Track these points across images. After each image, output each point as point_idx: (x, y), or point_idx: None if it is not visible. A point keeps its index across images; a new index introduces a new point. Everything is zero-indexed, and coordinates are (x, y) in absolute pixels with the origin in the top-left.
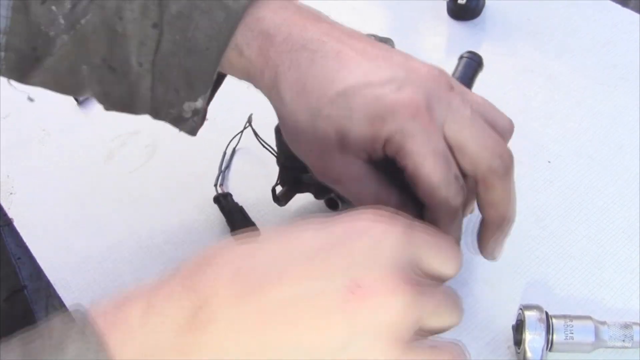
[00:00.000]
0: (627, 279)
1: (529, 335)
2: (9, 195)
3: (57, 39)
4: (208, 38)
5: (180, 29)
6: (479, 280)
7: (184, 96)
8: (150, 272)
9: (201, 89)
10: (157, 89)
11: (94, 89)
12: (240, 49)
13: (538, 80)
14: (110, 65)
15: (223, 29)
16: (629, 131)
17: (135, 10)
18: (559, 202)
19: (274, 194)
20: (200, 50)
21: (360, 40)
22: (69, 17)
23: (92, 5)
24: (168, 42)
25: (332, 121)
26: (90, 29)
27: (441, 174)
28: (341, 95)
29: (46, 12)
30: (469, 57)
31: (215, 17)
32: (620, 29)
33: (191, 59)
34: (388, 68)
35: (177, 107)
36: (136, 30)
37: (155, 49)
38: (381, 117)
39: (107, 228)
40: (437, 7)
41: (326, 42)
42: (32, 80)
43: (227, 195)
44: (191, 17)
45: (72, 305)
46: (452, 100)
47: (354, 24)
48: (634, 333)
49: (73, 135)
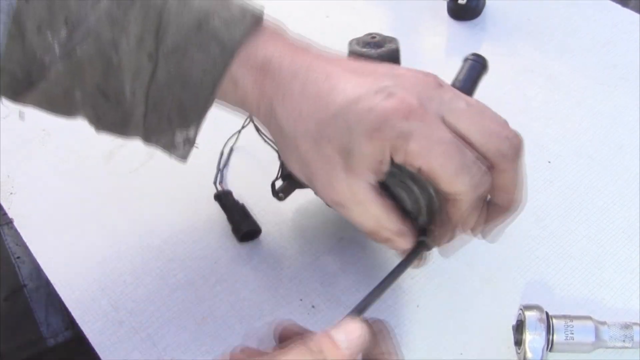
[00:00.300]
0: (627, 279)
1: (529, 335)
2: (9, 195)
3: (52, 66)
4: (203, 72)
5: (175, 61)
6: (479, 280)
7: (177, 126)
8: (150, 272)
9: (194, 119)
10: (150, 117)
11: (87, 113)
12: (235, 81)
13: (538, 80)
14: (104, 93)
15: (218, 62)
16: (629, 131)
17: (131, 41)
18: (559, 202)
19: (274, 189)
20: (195, 83)
21: (346, 61)
22: (65, 46)
23: (88, 35)
24: (163, 74)
25: (334, 143)
26: (86, 58)
27: (456, 161)
28: (336, 116)
29: (41, 40)
30: (473, 59)
31: (210, 51)
32: (620, 29)
33: (185, 91)
34: (375, 80)
35: (168, 135)
36: (131, 62)
37: (149, 80)
38: (377, 128)
39: (107, 228)
40: (437, 7)
41: (315, 68)
42: (25, 100)
43: (227, 193)
44: (186, 51)
45: None
46: (443, 95)
47: (354, 24)
48: (634, 333)
49: (73, 135)
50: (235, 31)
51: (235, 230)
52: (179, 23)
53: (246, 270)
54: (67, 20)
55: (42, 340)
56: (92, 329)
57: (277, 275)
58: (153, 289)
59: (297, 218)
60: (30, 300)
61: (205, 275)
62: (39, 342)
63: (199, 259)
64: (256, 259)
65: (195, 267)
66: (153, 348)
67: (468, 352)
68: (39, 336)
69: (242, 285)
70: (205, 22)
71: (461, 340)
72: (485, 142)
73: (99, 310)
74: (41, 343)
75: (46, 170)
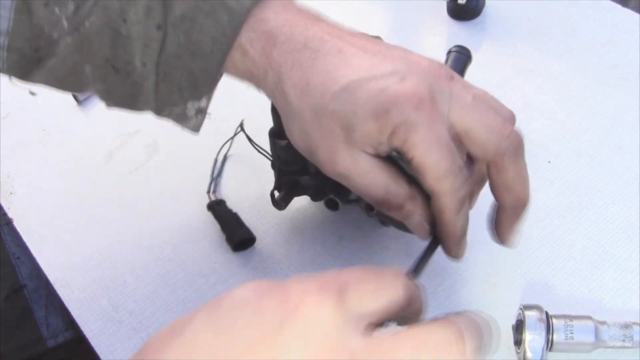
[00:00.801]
0: (627, 279)
1: (529, 335)
2: (9, 195)
3: (60, 40)
4: (212, 40)
5: (185, 30)
6: (479, 280)
7: (188, 96)
8: (150, 272)
9: (205, 89)
10: (161, 88)
11: (97, 88)
12: (244, 49)
13: (538, 80)
14: (114, 66)
15: (227, 30)
16: (629, 131)
17: (139, 12)
18: (559, 202)
19: (273, 198)
20: (205, 52)
21: (360, 38)
22: (72, 20)
23: (96, 7)
24: (172, 43)
25: (337, 117)
26: (94, 31)
27: (446, 164)
28: (345, 91)
29: (49, 14)
30: (457, 51)
31: (219, 19)
32: (620, 29)
33: (195, 61)
34: (390, 62)
35: (180, 106)
36: (140, 32)
37: (159, 51)
38: (385, 109)
39: (107, 228)
40: (437, 7)
41: (327, 41)
42: (34, 79)
43: (220, 202)
44: (195, 19)
45: None
46: (453, 89)
47: (354, 24)
48: (634, 333)
49: (73, 135)
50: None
51: (229, 239)
52: None
53: (245, 270)
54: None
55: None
56: (92, 329)
57: (277, 275)
58: (153, 289)
59: (294, 222)
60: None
61: (205, 275)
62: (38, 342)
63: (199, 259)
64: (256, 260)
65: (195, 268)
66: None
67: None
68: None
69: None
70: None
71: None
72: (486, 139)
73: (99, 310)
74: (41, 343)
75: (46, 170)
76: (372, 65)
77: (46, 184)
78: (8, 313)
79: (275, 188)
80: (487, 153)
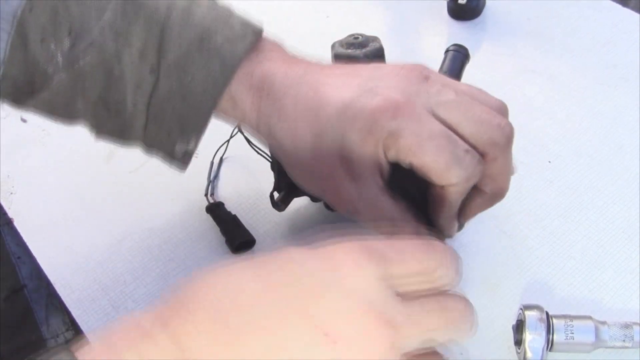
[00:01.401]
0: (627, 279)
1: (529, 335)
2: (9, 195)
3: (55, 75)
4: (203, 88)
5: (177, 76)
6: (479, 280)
7: (176, 138)
8: (150, 272)
9: (193, 133)
10: (150, 128)
11: (88, 121)
12: (234, 101)
13: (538, 80)
14: (106, 103)
15: (219, 80)
16: (629, 131)
17: (134, 55)
18: (559, 202)
19: (273, 200)
20: (196, 98)
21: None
22: (68, 57)
23: (91, 47)
24: (164, 87)
25: (332, 152)
26: (88, 69)
27: (447, 154)
28: (330, 125)
29: (45, 50)
30: (455, 49)
31: (211, 68)
32: (620, 29)
33: (186, 106)
34: (360, 83)
35: (168, 147)
36: (133, 74)
37: (150, 93)
38: (367, 129)
39: (107, 228)
40: (437, 7)
41: (304, 83)
42: (26, 107)
43: (219, 204)
44: (188, 67)
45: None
46: (430, 89)
47: (354, 24)
48: (634, 333)
49: (73, 135)
50: (236, 48)
51: (229, 241)
52: (181, 38)
53: None
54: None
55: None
56: (92, 329)
57: None
58: (153, 289)
59: (294, 223)
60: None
61: None
62: (39, 342)
63: (199, 259)
64: None
65: (196, 268)
66: None
67: (468, 352)
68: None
69: None
70: (207, 39)
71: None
72: (476, 131)
73: (99, 310)
74: (41, 343)
75: (46, 170)
76: (345, 92)
77: (46, 184)
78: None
79: (274, 189)
80: (478, 144)
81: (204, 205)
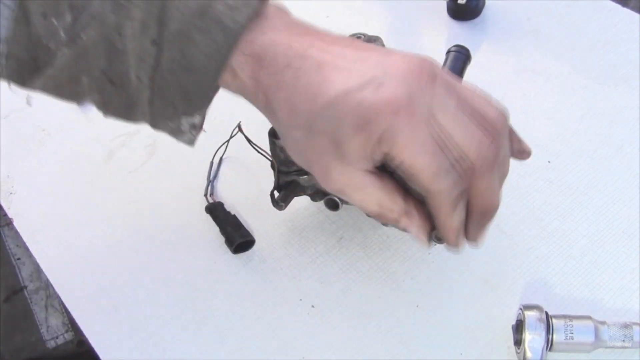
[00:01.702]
0: (627, 279)
1: (529, 335)
2: (9, 195)
3: (58, 51)
4: (206, 58)
5: (179, 47)
6: (479, 280)
7: (182, 111)
8: (150, 272)
9: (199, 106)
10: (156, 103)
11: (94, 98)
12: (234, 71)
13: (538, 80)
14: (110, 78)
15: (221, 49)
16: (629, 131)
17: (135, 26)
18: (558, 202)
19: (273, 199)
20: (199, 69)
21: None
22: (70, 31)
23: (93, 20)
24: (167, 59)
25: (325, 135)
26: (90, 43)
27: (434, 166)
28: (327, 109)
29: (47, 25)
30: (457, 50)
31: (213, 37)
32: (620, 29)
33: (189, 77)
34: (366, 70)
35: (175, 121)
36: (135, 47)
37: (154, 66)
38: (366, 121)
39: (107, 228)
40: (437, 7)
41: (308, 57)
42: (32, 86)
43: (218, 204)
44: (190, 36)
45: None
46: (435, 91)
47: (354, 24)
48: (633, 333)
49: (73, 135)
50: (239, 16)
51: (229, 242)
52: (183, 8)
53: (245, 271)
54: (72, 6)
55: (41, 342)
56: (92, 329)
57: (277, 275)
58: (153, 289)
59: (294, 222)
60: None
61: (205, 275)
62: (38, 343)
63: (199, 259)
64: (256, 260)
65: (195, 268)
66: (153, 348)
67: (468, 352)
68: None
69: (242, 285)
70: (209, 7)
71: (461, 340)
72: (465, 146)
73: (98, 310)
74: (41, 344)
75: (46, 170)
76: (349, 77)
77: (46, 184)
78: (8, 314)
79: (274, 188)
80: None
81: (203, 205)
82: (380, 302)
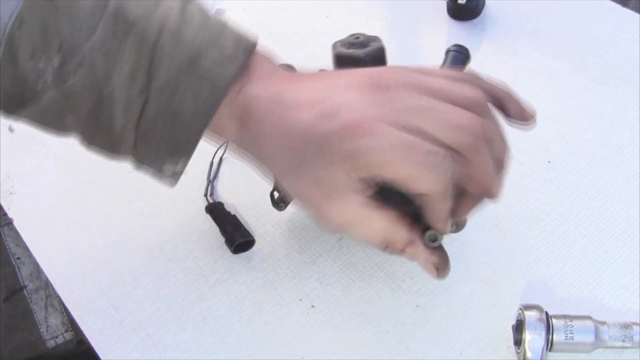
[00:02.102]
0: (627, 279)
1: (529, 335)
2: (9, 195)
3: (44, 93)
4: (193, 112)
5: (166, 98)
6: (479, 280)
7: (165, 159)
8: (150, 272)
9: (182, 155)
10: (139, 148)
11: (79, 135)
12: (221, 129)
13: (538, 80)
14: (96, 120)
15: (208, 104)
16: (629, 131)
17: (124, 75)
18: (558, 202)
19: (273, 199)
20: (184, 121)
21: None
22: (57, 74)
23: (81, 67)
24: (153, 109)
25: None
26: (78, 88)
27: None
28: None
29: (34, 66)
30: (456, 50)
31: (200, 92)
32: (620, 29)
33: (174, 129)
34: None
35: (157, 166)
36: (122, 95)
37: (139, 114)
38: (330, 154)
39: (107, 228)
40: (437, 7)
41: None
42: (18, 118)
43: (218, 204)
44: (177, 89)
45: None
46: (393, 96)
47: (354, 24)
48: (633, 333)
49: None
50: (225, 72)
51: (229, 242)
52: (171, 60)
53: (245, 270)
54: (61, 48)
55: (41, 341)
56: (92, 329)
57: (277, 275)
58: (153, 289)
59: (293, 222)
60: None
61: (205, 275)
62: (38, 343)
63: (199, 259)
64: (256, 260)
65: (195, 268)
66: (153, 348)
67: (468, 352)
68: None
69: (242, 285)
70: (197, 61)
71: (461, 340)
72: (442, 134)
73: (99, 310)
74: (41, 344)
75: (46, 170)
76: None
77: (46, 184)
78: (8, 314)
79: (274, 189)
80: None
81: (203, 205)
82: (380, 302)
